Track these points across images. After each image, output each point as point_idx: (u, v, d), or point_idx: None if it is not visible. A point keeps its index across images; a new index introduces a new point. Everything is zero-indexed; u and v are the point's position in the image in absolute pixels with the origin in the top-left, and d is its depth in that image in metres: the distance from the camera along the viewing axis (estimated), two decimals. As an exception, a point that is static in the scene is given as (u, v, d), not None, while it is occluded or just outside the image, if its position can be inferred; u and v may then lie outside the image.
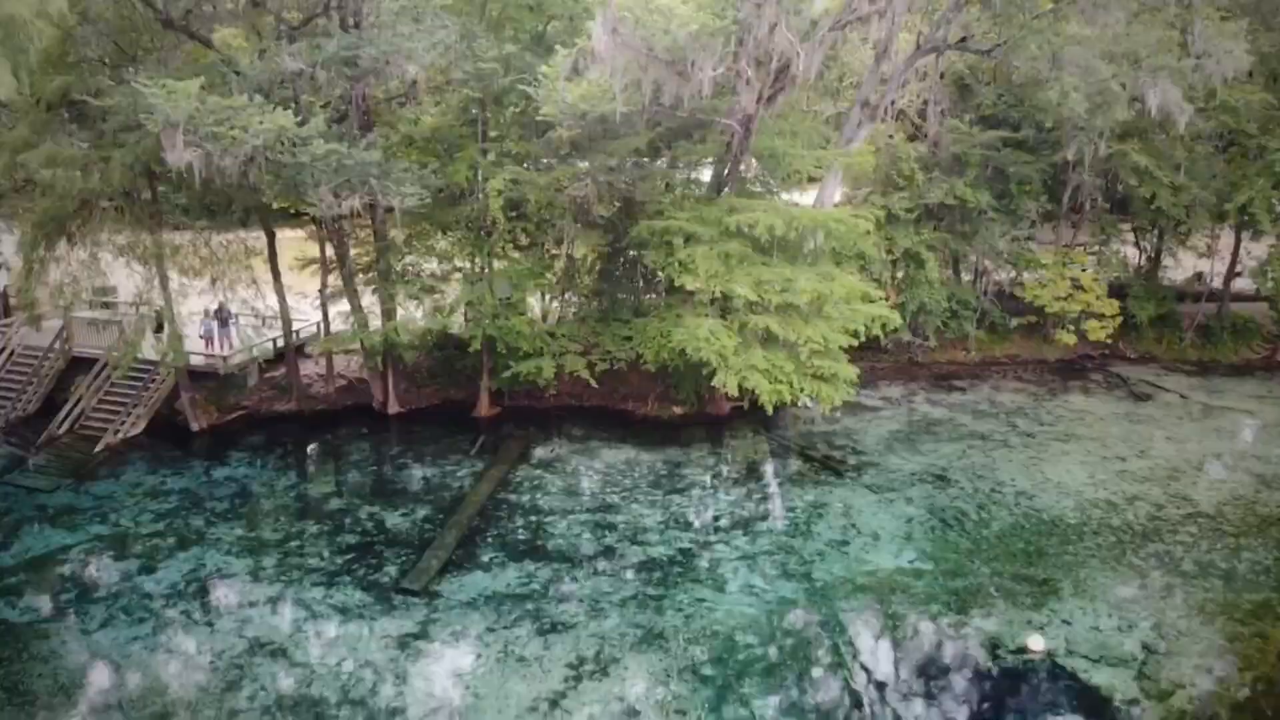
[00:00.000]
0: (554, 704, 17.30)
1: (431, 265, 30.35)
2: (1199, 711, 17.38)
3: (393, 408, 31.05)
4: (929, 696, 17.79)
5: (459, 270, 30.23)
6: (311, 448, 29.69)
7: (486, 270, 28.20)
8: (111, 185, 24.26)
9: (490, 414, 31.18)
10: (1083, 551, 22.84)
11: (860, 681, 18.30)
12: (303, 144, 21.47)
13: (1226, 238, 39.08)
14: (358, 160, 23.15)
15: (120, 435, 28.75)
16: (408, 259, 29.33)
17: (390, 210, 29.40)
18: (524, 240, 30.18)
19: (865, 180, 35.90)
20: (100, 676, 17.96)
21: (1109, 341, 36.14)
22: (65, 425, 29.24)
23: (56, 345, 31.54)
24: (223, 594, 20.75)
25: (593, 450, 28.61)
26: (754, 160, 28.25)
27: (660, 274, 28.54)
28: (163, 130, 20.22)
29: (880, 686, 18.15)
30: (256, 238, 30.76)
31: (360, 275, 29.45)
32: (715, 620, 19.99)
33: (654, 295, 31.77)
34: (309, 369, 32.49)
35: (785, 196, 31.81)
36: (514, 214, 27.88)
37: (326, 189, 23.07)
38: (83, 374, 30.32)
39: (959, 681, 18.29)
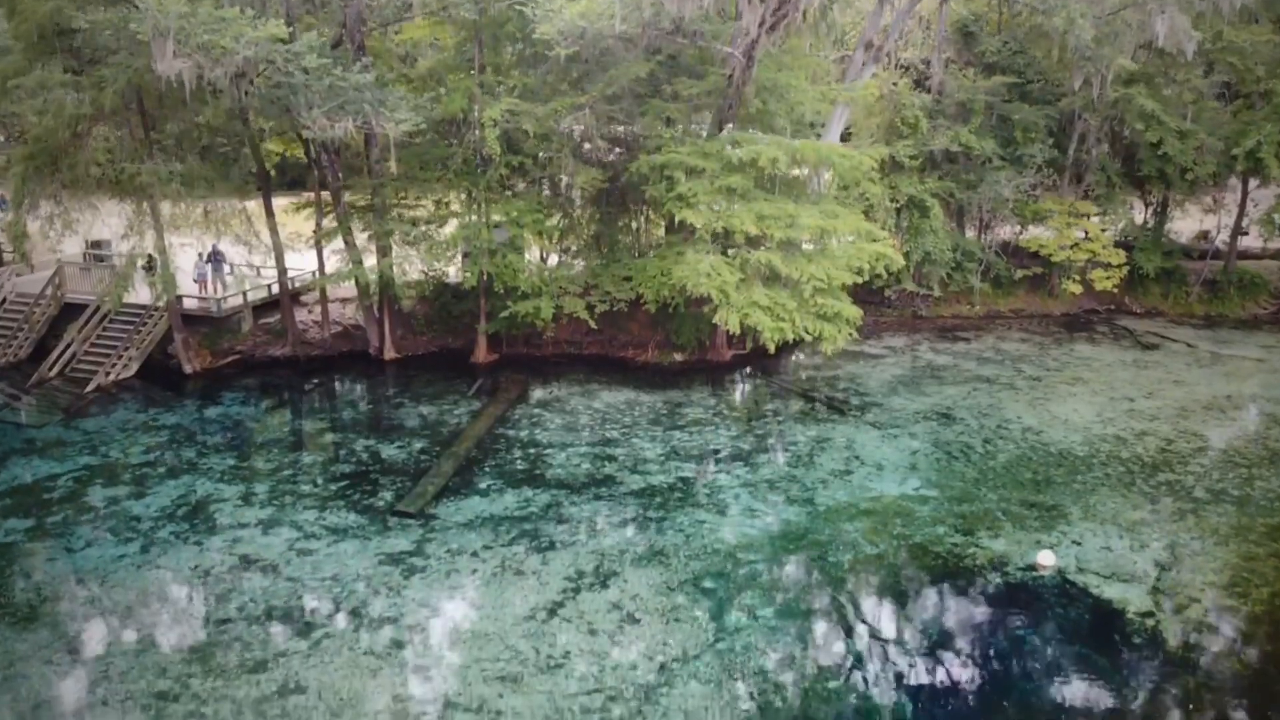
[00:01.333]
0: (552, 613, 16.84)
1: (427, 208, 29.79)
2: (1215, 624, 16.93)
3: (389, 353, 30.57)
4: (935, 610, 17.34)
5: (455, 215, 29.69)
6: (306, 388, 29.21)
7: (483, 207, 27.64)
8: (102, 109, 23.76)
9: (488, 360, 30.69)
10: (1092, 480, 22.38)
11: (863, 594, 17.87)
12: (294, 59, 20.98)
13: (1231, 199, 38.70)
14: (352, 83, 22.69)
15: (112, 377, 28.28)
16: (404, 201, 28.75)
17: (387, 153, 29.05)
18: (521, 184, 29.66)
19: (869, 131, 35.48)
20: (84, 590, 17.48)
21: (1114, 292, 35.69)
22: (56, 368, 28.80)
23: (48, 292, 31.10)
24: (213, 516, 20.26)
25: (592, 392, 28.13)
26: (756, 101, 27.69)
27: (660, 212, 28.08)
28: (153, 39, 19.75)
29: (884, 600, 17.71)
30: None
31: (356, 218, 28.93)
32: (717, 539, 19.53)
33: (653, 245, 31.31)
34: (304, 316, 32.03)
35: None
36: (511, 152, 27.37)
37: (319, 112, 22.58)
38: (75, 321, 29.90)
39: (966, 596, 17.83)
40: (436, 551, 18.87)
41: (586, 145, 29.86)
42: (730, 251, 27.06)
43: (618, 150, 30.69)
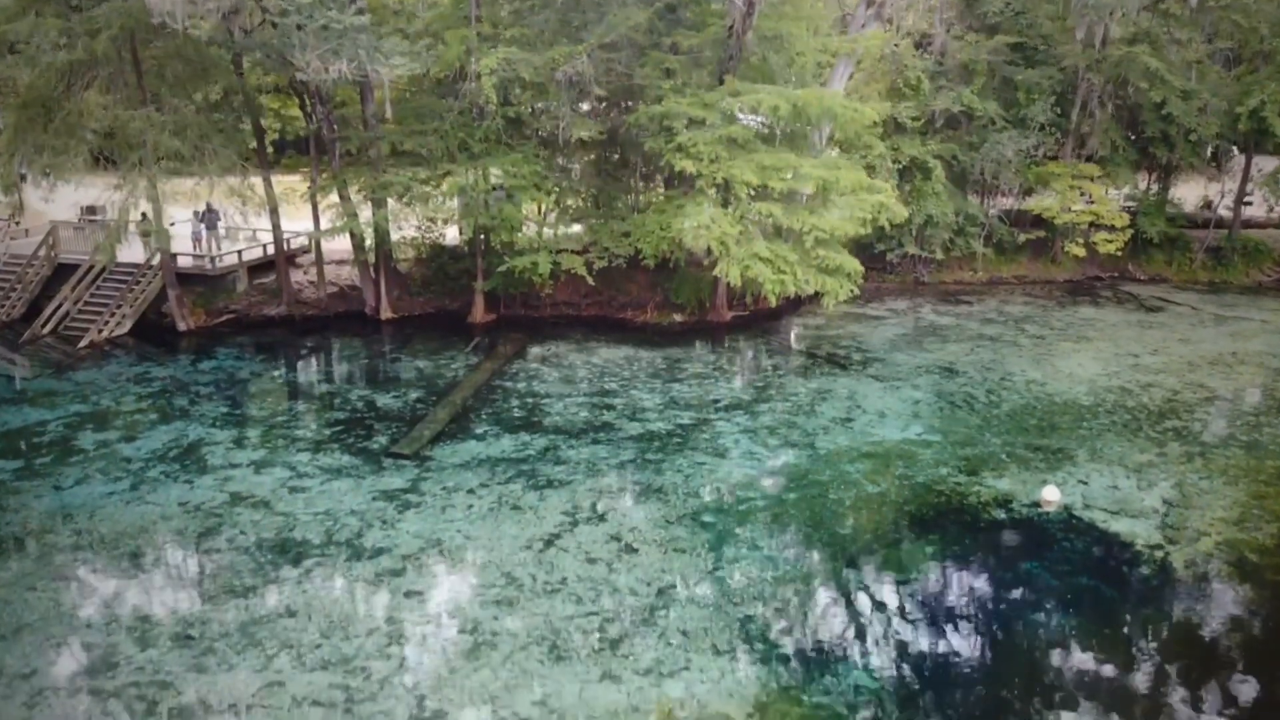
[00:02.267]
0: (549, 544, 16.51)
1: (424, 168, 29.37)
2: (1226, 555, 16.58)
3: (385, 313, 30.23)
4: (938, 543, 16.98)
5: (450, 174, 29.21)
6: (301, 345, 28.79)
7: (480, 161, 27.20)
8: (95, 56, 23.45)
9: (485, 321, 30.33)
10: (1097, 426, 22.05)
11: (865, 528, 17.54)
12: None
13: (1235, 170, 38.38)
14: (347, 24, 22.37)
15: (105, 334, 27.94)
16: (400, 153, 28.32)
17: (383, 108, 28.69)
18: (516, 140, 29.27)
19: (870, 97, 35.11)
20: (71, 524, 17.11)
21: (1118, 256, 35.33)
22: (49, 326, 28.47)
23: (42, 252, 30.75)
24: (204, 458, 19.90)
25: (590, 349, 27.78)
26: (757, 52, 27.38)
27: (660, 166, 27.71)
28: (143, -29, 19.47)
29: (886, 533, 17.37)
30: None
31: (352, 176, 28.51)
32: (716, 479, 19.21)
33: (652, 203, 30.93)
34: (299, 277, 31.69)
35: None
36: (506, 103, 27.04)
37: (314, 55, 22.26)
38: (68, 281, 29.55)
39: (970, 530, 17.50)
40: (432, 489, 18.53)
41: (585, 106, 29.58)
42: (731, 205, 26.71)
43: (614, 113, 30.35)
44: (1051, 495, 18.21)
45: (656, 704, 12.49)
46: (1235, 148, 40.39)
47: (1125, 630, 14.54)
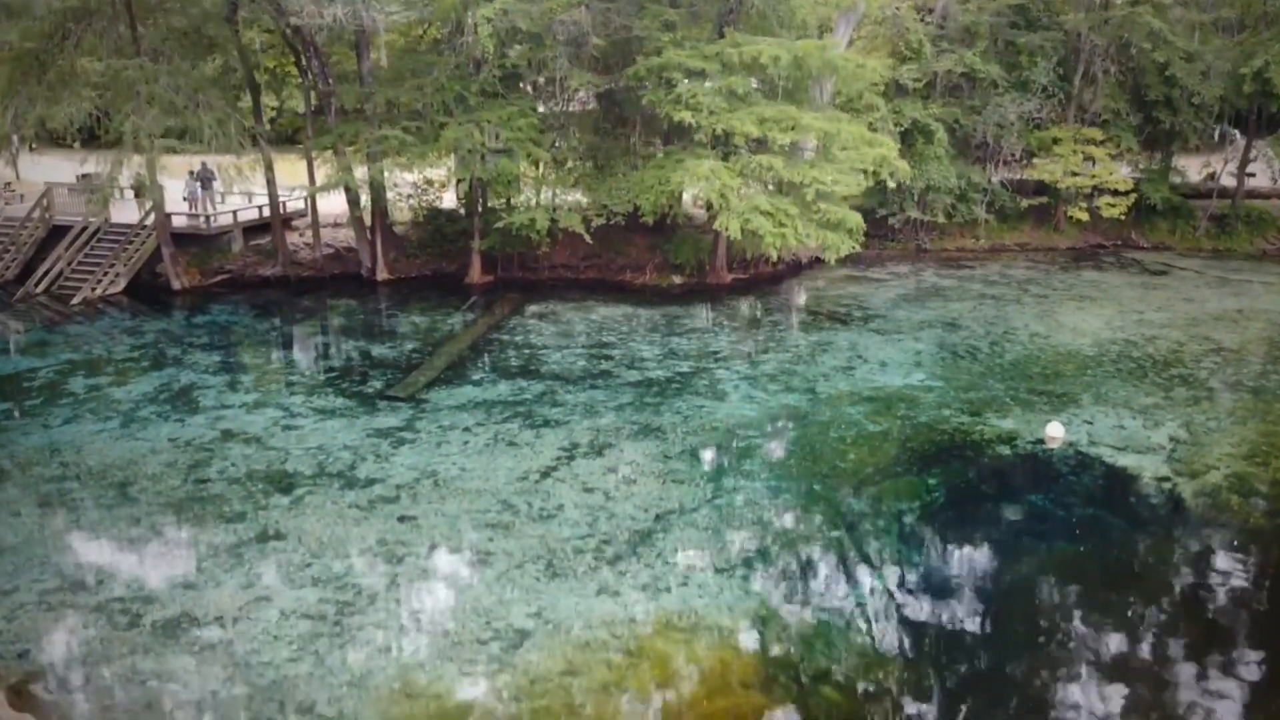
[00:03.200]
0: (545, 475, 16.21)
1: (419, 125, 29.02)
2: (1235, 487, 16.26)
3: (381, 275, 29.90)
4: (940, 475, 16.67)
5: (444, 125, 28.72)
6: (296, 302, 28.38)
7: (475, 111, 26.83)
8: (88, 5, 23.20)
9: (483, 282, 29.98)
10: (1102, 374, 21.73)
11: (866, 461, 17.24)
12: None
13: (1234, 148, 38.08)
14: (341, -31, 22.13)
15: (98, 292, 27.64)
16: (396, 110, 27.99)
17: (379, 65, 28.41)
18: (513, 96, 28.92)
19: (872, 59, 34.81)
20: (59, 458, 16.80)
21: (1121, 220, 34.99)
22: (43, 285, 28.16)
23: (36, 214, 30.44)
24: (196, 400, 19.59)
25: (589, 308, 27.42)
26: (757, 3, 27.11)
27: (659, 123, 27.42)
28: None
29: (888, 465, 17.07)
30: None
31: (347, 133, 28.20)
32: (715, 420, 18.89)
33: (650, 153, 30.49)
34: (295, 240, 31.36)
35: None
36: (503, 57, 26.76)
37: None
38: (63, 243, 29.24)
39: (973, 464, 17.22)
40: (427, 427, 18.23)
41: (577, 85, 29.16)
42: (731, 159, 26.38)
43: (612, 74, 29.99)
44: (1055, 432, 17.89)
45: (654, 617, 12.20)
46: (1237, 132, 40.15)
47: (1133, 559, 14.24)
